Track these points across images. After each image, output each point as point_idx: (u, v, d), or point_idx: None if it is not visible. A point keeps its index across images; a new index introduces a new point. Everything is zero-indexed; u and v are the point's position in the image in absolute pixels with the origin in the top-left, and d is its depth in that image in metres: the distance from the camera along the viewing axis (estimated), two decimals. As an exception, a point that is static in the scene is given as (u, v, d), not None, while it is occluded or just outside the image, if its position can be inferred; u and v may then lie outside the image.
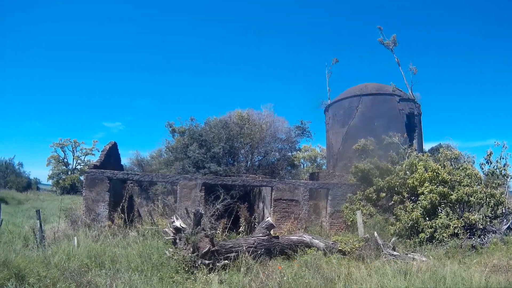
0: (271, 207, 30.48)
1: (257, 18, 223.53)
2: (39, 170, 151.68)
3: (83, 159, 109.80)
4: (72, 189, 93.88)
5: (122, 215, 26.14)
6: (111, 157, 33.92)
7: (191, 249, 17.41)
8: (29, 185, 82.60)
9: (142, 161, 56.93)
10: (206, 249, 17.52)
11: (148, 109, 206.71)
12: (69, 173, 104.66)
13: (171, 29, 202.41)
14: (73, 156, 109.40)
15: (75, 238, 20.95)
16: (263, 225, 21.03)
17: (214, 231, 23.67)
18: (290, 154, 49.35)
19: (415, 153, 32.86)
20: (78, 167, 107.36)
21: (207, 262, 17.25)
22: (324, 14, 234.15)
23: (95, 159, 67.60)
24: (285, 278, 15.24)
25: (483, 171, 29.83)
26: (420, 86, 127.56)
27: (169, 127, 49.76)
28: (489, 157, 29.75)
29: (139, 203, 36.25)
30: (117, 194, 29.44)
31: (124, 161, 54.58)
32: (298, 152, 65.98)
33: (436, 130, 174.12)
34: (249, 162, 43.50)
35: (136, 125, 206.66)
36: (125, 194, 28.32)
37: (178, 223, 18.72)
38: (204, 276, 15.87)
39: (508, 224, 25.59)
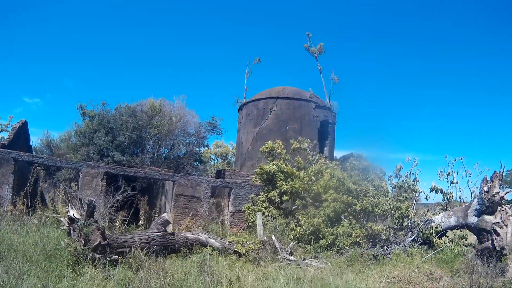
0: (172, 202, 29.73)
1: (178, 7, 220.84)
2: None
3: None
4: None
5: (25, 200, 24.89)
6: (21, 137, 32.44)
7: (83, 242, 16.68)
8: None
9: (51, 143, 55.24)
10: (97, 242, 16.64)
11: (70, 88, 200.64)
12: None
13: (96, 9, 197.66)
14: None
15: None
16: (159, 221, 20.33)
17: (111, 223, 22.99)
18: (198, 149, 48.54)
19: (322, 160, 32.82)
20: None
21: (97, 256, 16.46)
22: (253, 14, 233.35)
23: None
24: (168, 279, 14.60)
25: (391, 184, 30.04)
26: (342, 95, 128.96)
27: (81, 109, 48.01)
28: (398, 171, 30.14)
29: (45, 188, 35.08)
30: (23, 177, 28.13)
31: (37, 141, 52.89)
32: (210, 148, 65.59)
33: (353, 139, 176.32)
34: (155, 154, 42.76)
35: (56, 103, 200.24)
36: (30, 177, 27.21)
37: (72, 213, 17.91)
38: (90, 271, 15.11)
39: (413, 236, 25.72)
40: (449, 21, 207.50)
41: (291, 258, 20.31)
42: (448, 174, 28.80)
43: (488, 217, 23.78)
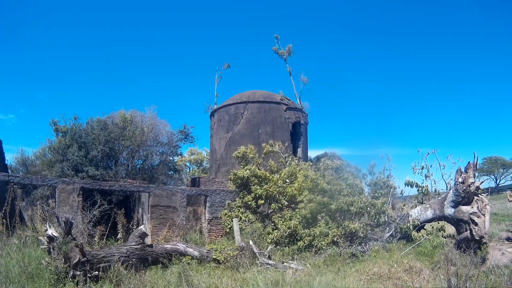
0: (148, 214, 29.62)
1: (144, 17, 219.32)
2: None
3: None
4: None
5: (4, 220, 24.64)
6: (-4, 156, 32.28)
7: (63, 260, 16.59)
8: None
9: (26, 160, 54.66)
10: (77, 259, 16.56)
11: (43, 102, 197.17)
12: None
13: (66, 23, 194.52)
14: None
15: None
16: (136, 234, 20.28)
17: (90, 239, 22.91)
18: (171, 158, 48.55)
19: (295, 162, 32.97)
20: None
21: (78, 273, 16.39)
22: (219, 19, 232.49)
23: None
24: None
25: (365, 182, 30.17)
26: (314, 95, 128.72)
27: (53, 125, 47.47)
28: (372, 169, 30.34)
29: (23, 206, 34.64)
30: (0, 197, 28.00)
31: (12, 159, 52.50)
32: (184, 156, 65.56)
33: (327, 138, 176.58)
34: (130, 166, 42.48)
35: (30, 118, 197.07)
36: (7, 197, 26.95)
37: (50, 231, 17.81)
38: (72, 289, 15.07)
39: (391, 231, 25.73)
40: (423, 17, 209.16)
41: (270, 262, 20.34)
42: (422, 168, 29.01)
43: (465, 208, 23.94)
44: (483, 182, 26.52)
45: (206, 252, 21.13)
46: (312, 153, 49.31)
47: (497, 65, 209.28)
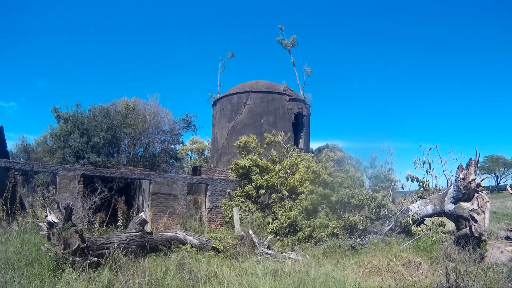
0: (149, 201, 29.64)
1: (149, 4, 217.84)
2: None
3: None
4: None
5: (4, 207, 24.55)
6: (-3, 143, 32.28)
7: (63, 246, 16.56)
8: None
9: (27, 147, 54.58)
10: (76, 245, 16.50)
11: (44, 89, 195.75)
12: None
13: (67, 10, 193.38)
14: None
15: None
16: (136, 221, 20.22)
17: (90, 225, 22.92)
18: (173, 146, 48.63)
19: (297, 153, 33.13)
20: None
21: (77, 259, 16.35)
22: (224, 8, 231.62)
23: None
24: (147, 278, 14.56)
25: (366, 175, 30.13)
26: (317, 86, 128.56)
27: (55, 112, 47.32)
28: (373, 161, 30.29)
29: (23, 193, 34.54)
30: (1, 183, 27.77)
31: (13, 146, 52.45)
32: (185, 144, 65.37)
33: (329, 130, 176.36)
34: (131, 153, 42.43)
35: (31, 106, 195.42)
36: (8, 183, 26.92)
37: (50, 217, 17.77)
38: (71, 275, 15.01)
39: (391, 225, 25.72)
40: (430, 11, 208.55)
41: (269, 251, 20.40)
42: (424, 163, 28.97)
43: (465, 204, 23.89)
44: (484, 179, 26.53)
45: (206, 241, 21.14)
46: (313, 145, 49.33)
47: (503, 64, 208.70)
